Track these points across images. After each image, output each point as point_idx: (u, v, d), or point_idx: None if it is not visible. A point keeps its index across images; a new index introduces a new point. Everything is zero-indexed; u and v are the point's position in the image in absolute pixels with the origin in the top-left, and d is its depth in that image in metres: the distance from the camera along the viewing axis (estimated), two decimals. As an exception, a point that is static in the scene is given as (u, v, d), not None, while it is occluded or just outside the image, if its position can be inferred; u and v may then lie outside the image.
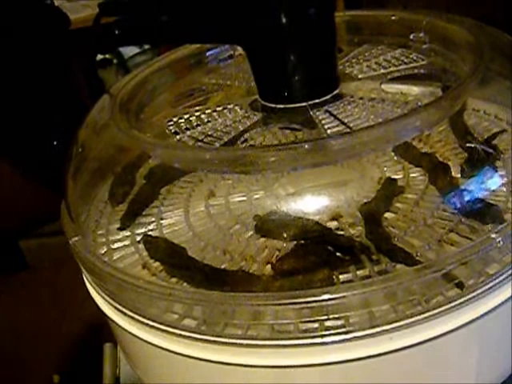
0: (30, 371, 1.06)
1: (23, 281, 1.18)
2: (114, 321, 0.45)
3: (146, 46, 1.72)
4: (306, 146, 0.38)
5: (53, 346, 1.09)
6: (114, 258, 0.47)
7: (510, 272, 0.39)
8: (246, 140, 0.46)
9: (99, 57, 1.55)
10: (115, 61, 1.79)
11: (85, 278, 0.49)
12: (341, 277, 0.40)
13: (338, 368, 0.37)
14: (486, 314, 0.38)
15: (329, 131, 0.43)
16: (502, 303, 0.39)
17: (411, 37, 0.56)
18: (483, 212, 0.43)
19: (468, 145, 0.49)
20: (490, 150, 0.48)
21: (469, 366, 0.41)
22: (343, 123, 0.43)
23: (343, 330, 0.37)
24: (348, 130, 0.42)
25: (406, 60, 0.53)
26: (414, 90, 0.52)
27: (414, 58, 0.53)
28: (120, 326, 0.44)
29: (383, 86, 0.50)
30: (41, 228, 1.16)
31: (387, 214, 0.45)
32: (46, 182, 0.89)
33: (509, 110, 0.54)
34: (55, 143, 0.96)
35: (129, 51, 1.78)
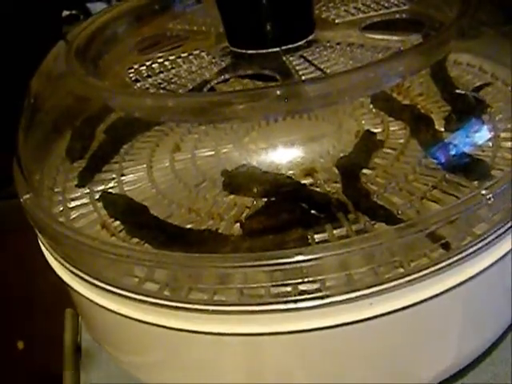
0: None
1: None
2: (70, 286, 0.42)
3: (114, 2, 1.68)
4: (278, 92, 0.35)
5: (17, 311, 1.07)
6: (71, 217, 0.45)
7: (499, 232, 0.37)
8: (212, 89, 0.42)
9: (65, 13, 1.52)
10: (82, 17, 1.75)
11: (39, 241, 0.46)
12: (316, 236, 0.38)
13: (314, 336, 0.36)
14: (473, 277, 0.36)
15: (303, 78, 0.40)
16: (491, 266, 0.37)
17: (392, -20, 0.53)
18: (469, 167, 0.41)
19: (454, 92, 0.47)
20: (479, 98, 0.45)
21: (453, 333, 0.39)
22: (319, 69, 0.40)
23: (319, 294, 0.35)
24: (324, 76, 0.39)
25: (386, 4, 0.50)
26: (395, 38, 0.49)
27: (395, 2, 0.50)
28: (77, 292, 0.42)
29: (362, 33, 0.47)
30: (6, 190, 1.14)
31: (366, 170, 0.43)
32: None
33: (494, 62, 0.51)
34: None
35: (97, 7, 1.74)
